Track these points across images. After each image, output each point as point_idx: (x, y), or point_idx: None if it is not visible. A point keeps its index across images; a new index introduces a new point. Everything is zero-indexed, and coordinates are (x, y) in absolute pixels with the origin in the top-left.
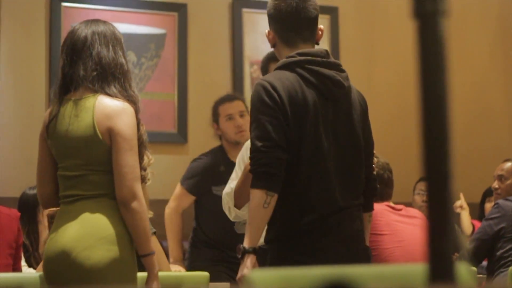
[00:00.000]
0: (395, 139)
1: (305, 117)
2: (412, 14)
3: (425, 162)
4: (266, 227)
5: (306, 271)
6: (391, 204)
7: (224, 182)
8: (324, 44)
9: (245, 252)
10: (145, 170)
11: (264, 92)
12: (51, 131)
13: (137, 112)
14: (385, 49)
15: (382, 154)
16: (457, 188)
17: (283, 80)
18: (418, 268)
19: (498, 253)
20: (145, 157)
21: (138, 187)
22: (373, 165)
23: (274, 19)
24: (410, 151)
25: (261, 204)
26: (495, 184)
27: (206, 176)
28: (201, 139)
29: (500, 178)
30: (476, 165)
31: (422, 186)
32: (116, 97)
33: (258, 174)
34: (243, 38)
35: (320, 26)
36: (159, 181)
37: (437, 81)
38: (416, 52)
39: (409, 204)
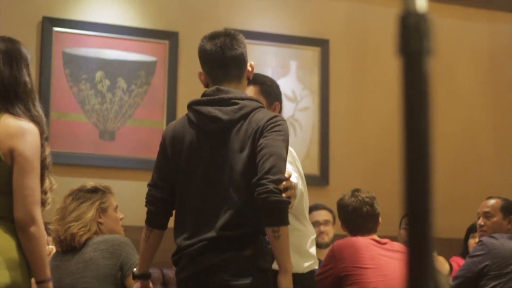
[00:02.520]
0: (383, 172)
1: (181, 154)
2: (397, 52)
3: (406, 197)
4: None
5: None
6: (376, 237)
7: None
8: (314, 76)
9: (134, 277)
10: (45, 193)
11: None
12: None
13: (42, 133)
14: (375, 82)
15: (369, 187)
16: (440, 224)
17: (177, 122)
18: None
19: None
20: (47, 181)
21: (37, 211)
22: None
23: (202, 60)
24: (398, 184)
25: (143, 237)
26: (481, 221)
27: None
28: None
29: (486, 215)
30: (461, 201)
31: None
32: (20, 117)
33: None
34: None
35: (250, 62)
36: (144, 208)
37: (420, 118)
38: (400, 89)
39: (395, 238)
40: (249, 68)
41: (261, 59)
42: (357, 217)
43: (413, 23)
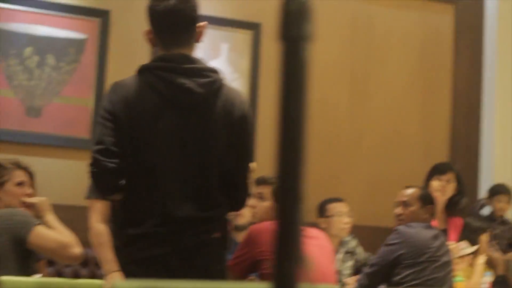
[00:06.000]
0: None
1: (140, 123)
2: (278, 38)
3: (278, 184)
4: None
5: (172, 284)
6: None
7: None
8: (244, 60)
9: None
10: None
11: (108, 95)
12: None
13: None
14: None
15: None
16: (365, 211)
17: (129, 86)
18: None
19: (396, 278)
20: None
21: None
22: (246, 175)
23: (152, 20)
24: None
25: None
26: (398, 210)
27: None
28: None
29: (404, 204)
30: (389, 190)
31: None
32: None
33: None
34: None
35: (200, 24)
36: (69, 186)
37: (294, 105)
38: (278, 75)
39: (314, 225)
40: (200, 31)
41: None
42: None
43: (294, 9)
